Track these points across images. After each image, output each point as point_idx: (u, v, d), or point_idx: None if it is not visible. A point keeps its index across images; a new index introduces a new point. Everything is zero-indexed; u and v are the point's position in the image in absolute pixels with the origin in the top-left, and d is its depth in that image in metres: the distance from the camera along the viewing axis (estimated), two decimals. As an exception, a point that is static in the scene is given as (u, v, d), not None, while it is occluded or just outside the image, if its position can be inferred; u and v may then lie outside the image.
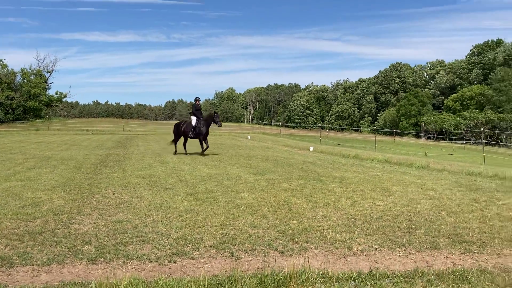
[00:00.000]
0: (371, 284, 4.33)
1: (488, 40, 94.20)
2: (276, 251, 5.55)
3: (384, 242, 5.98)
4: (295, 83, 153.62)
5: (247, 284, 4.18)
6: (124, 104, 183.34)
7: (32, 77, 67.95)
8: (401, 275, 4.58)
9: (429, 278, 4.50)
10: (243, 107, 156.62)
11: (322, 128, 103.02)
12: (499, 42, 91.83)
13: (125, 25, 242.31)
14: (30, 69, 70.55)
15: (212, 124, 18.52)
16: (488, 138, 50.91)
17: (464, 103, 78.82)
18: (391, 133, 73.03)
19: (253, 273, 4.53)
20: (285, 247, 5.70)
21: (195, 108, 18.92)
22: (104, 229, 6.37)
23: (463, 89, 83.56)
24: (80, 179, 10.88)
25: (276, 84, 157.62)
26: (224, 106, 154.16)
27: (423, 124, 58.90)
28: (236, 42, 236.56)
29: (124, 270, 4.73)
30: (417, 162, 16.86)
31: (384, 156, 19.99)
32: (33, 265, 4.87)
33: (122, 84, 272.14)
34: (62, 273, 4.65)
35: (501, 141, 50.53)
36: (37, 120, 60.98)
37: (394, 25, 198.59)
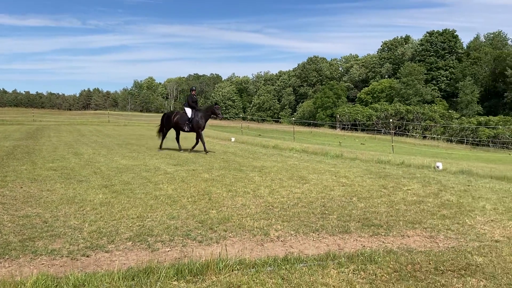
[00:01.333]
0: (286, 268, 4.47)
1: (398, 37, 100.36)
2: (194, 241, 5.53)
3: (300, 227, 6.20)
4: (216, 74, 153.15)
5: (164, 274, 4.13)
6: (35, 93, 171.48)
7: None
8: (314, 259, 4.78)
9: (340, 260, 4.74)
10: (163, 97, 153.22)
11: (244, 119, 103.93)
12: (407, 39, 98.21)
13: (35, 8, 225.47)
14: None
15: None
16: (397, 129, 54.47)
17: (375, 95, 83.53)
18: (309, 124, 75.53)
19: (170, 263, 4.48)
20: (203, 237, 5.70)
21: (191, 100, 16.75)
22: (9, 224, 5.95)
23: (374, 82, 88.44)
24: (-18, 173, 10.04)
25: (197, 74, 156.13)
26: (143, 96, 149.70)
27: (338, 116, 61.66)
28: (156, 31, 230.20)
29: (31, 267, 4.47)
30: (332, 152, 17.62)
31: (301, 146, 20.65)
32: None
33: (32, 72, 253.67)
34: (-40, 274, 4.28)
35: (408, 131, 54.30)
36: None
37: (313, 19, 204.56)
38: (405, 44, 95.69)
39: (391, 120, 35.16)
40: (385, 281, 4.23)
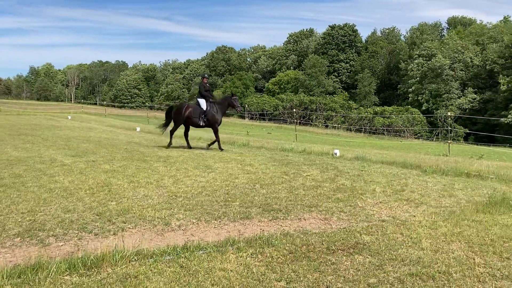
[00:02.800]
0: (185, 256, 4.47)
1: (303, 29, 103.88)
2: (91, 234, 5.32)
3: (202, 216, 6.23)
4: (122, 61, 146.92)
5: (54, 270, 3.92)
6: None
7: None
8: (214, 245, 4.84)
9: (239, 245, 4.85)
10: (63, 85, 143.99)
11: (152, 108, 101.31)
12: (311, 32, 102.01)
13: None
14: None
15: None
16: (301, 119, 56.60)
17: (282, 86, 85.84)
18: (218, 114, 75.77)
19: (62, 258, 4.27)
20: (101, 229, 5.50)
21: (204, 89, 14.53)
22: None
23: (281, 73, 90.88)
24: None
25: (101, 61, 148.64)
26: (41, 83, 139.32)
27: (246, 106, 62.57)
28: (56, 14, 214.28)
29: None
30: (239, 141, 17.86)
31: (210, 135, 20.63)
32: None
33: None
34: None
35: (311, 121, 56.69)
36: None
37: (223, 8, 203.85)
38: (310, 37, 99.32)
39: (294, 110, 36.47)
40: (281, 263, 4.41)
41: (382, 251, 4.79)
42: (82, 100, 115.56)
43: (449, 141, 23.67)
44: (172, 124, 15.12)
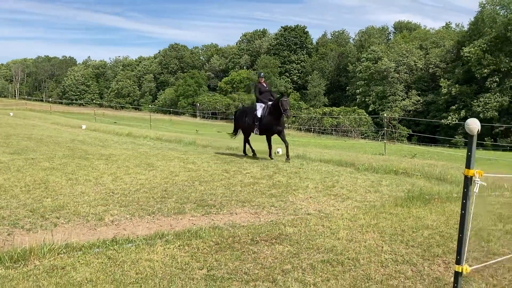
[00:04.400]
0: (114, 248, 4.68)
1: (257, 30, 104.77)
2: (22, 229, 5.40)
3: (136, 211, 6.42)
4: (70, 57, 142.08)
5: (-20, 263, 4.03)
6: None
7: None
8: (143, 238, 5.06)
9: (168, 237, 5.10)
10: (7, 80, 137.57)
11: (101, 105, 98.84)
12: (264, 32, 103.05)
13: None
14: None
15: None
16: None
17: (235, 85, 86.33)
18: (169, 112, 75.03)
19: (-11, 252, 4.36)
20: (33, 225, 5.59)
21: (260, 91, 12.25)
22: None
23: (234, 73, 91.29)
24: None
25: (48, 56, 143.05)
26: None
27: (198, 104, 62.46)
28: (0, 5, 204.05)
29: None
30: (186, 139, 18.00)
31: (156, 134, 20.66)
32: None
33: None
34: None
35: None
36: None
37: (176, 6, 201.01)
38: (263, 37, 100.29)
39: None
40: (206, 253, 4.70)
41: (301, 241, 5.19)
42: (26, 97, 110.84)
43: (385, 141, 24.83)
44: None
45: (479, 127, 2.72)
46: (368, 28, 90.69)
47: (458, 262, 2.92)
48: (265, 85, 12.35)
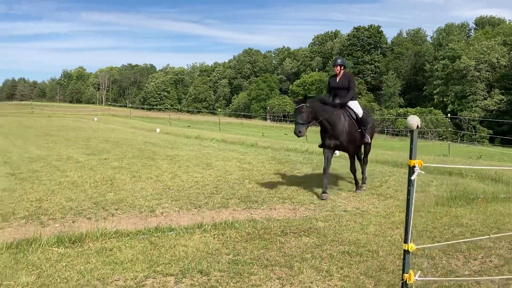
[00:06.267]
0: (157, 235, 5.30)
1: (328, 31, 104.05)
2: (84, 218, 6.22)
3: (185, 205, 7.06)
4: (150, 64, 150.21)
5: (45, 242, 4.81)
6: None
7: None
8: (184, 227, 5.65)
9: (205, 227, 5.65)
10: (94, 88, 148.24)
11: (179, 110, 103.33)
12: (336, 34, 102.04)
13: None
14: None
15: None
16: (324, 120, 57.00)
17: (306, 88, 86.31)
18: (242, 116, 76.87)
19: (53, 234, 5.16)
20: (94, 215, 6.40)
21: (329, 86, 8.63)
22: None
23: (305, 75, 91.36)
24: None
25: (131, 64, 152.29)
26: (73, 86, 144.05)
27: (269, 108, 63.35)
28: (89, 18, 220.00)
29: None
30: (249, 141, 18.65)
31: (223, 136, 21.54)
32: None
33: None
34: None
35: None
36: None
37: (252, 11, 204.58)
38: (335, 38, 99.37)
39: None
40: (236, 241, 5.18)
41: (328, 234, 5.49)
42: (110, 103, 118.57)
43: (448, 142, 23.85)
44: None
45: (419, 123, 3.05)
46: (447, 25, 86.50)
47: (406, 241, 3.26)
48: (337, 79, 8.38)
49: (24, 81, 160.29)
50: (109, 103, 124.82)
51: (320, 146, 8.57)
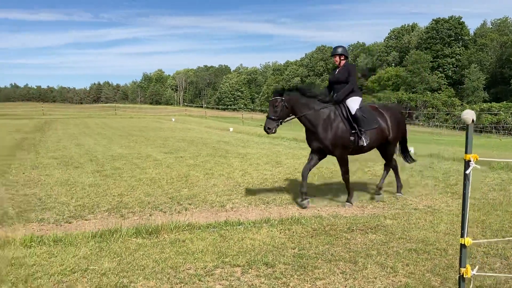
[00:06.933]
0: (226, 229, 5.55)
1: (405, 25, 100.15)
2: (160, 211, 6.64)
3: (254, 201, 7.27)
4: (224, 65, 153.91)
5: (125, 233, 5.23)
6: (46, 87, 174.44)
7: None
8: (252, 222, 5.85)
9: (272, 222, 5.81)
10: (172, 89, 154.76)
11: (252, 110, 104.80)
12: (414, 27, 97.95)
13: (47, 3, 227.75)
14: None
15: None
16: (400, 117, 55.06)
17: (382, 84, 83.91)
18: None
19: (132, 226, 5.59)
20: (169, 209, 6.80)
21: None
22: (9, 201, 7.12)
23: (381, 71, 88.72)
24: (-10, 161, 11.26)
25: (206, 66, 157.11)
26: (153, 89, 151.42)
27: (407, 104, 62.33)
28: (167, 22, 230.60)
29: (24, 230, 5.59)
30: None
31: (294, 134, 21.63)
32: None
33: (44, 66, 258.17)
34: (-33, 235, 5.43)
35: (412, 119, 54.85)
36: None
37: (325, 8, 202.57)
38: (412, 31, 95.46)
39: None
40: (302, 236, 5.28)
41: (396, 231, 5.42)
42: (186, 104, 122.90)
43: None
44: None
45: (474, 117, 2.93)
46: (537, 11, 79.81)
47: (462, 235, 3.14)
48: (336, 72, 7.42)
49: (108, 84, 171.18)
50: (186, 104, 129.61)
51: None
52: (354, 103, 7.04)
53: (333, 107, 7.00)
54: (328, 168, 10.04)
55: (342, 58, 7.32)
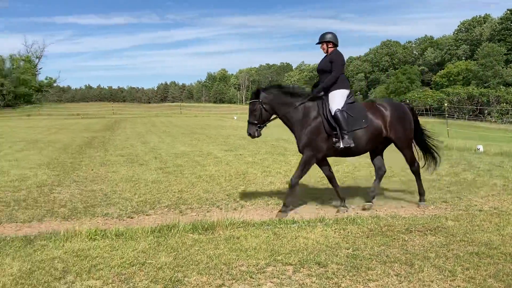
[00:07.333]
0: (280, 227, 5.57)
1: (476, 16, 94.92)
2: (217, 208, 6.79)
3: (309, 199, 7.24)
4: (286, 63, 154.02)
5: (182, 228, 5.40)
6: (117, 87, 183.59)
7: (21, 63, 68.21)
8: (306, 221, 5.83)
9: (327, 222, 5.75)
10: (235, 88, 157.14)
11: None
12: (486, 18, 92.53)
13: (118, 7, 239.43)
14: (19, 55, 70.72)
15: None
16: (471, 113, 52.22)
17: (451, 78, 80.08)
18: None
19: (189, 222, 5.76)
20: (226, 206, 6.94)
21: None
22: (78, 196, 7.59)
23: (450, 65, 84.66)
24: (64, 159, 12.05)
25: (268, 64, 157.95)
26: (217, 88, 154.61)
27: (408, 101, 60.05)
28: (230, 22, 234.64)
29: (89, 224, 5.94)
30: (383, 137, 18.07)
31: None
32: (16, 222, 6.08)
33: (115, 68, 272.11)
34: (40, 228, 5.86)
35: (483, 116, 51.82)
36: (28, 106, 61.71)
37: (389, 2, 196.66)
38: (484, 23, 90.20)
39: (445, 104, 34.06)
40: (357, 237, 5.19)
41: (457, 234, 5.18)
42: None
43: None
44: None
45: None
46: None
47: None
48: (322, 61, 6.73)
49: (174, 84, 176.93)
50: (248, 102, 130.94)
51: None
52: (335, 99, 6.31)
53: (315, 103, 6.37)
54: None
55: (330, 46, 6.57)
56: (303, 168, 6.45)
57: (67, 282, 3.95)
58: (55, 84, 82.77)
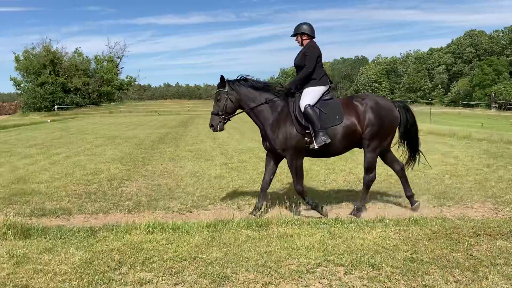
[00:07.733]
0: (337, 226, 5.40)
1: None
2: (274, 204, 6.74)
3: (371, 199, 6.97)
4: (362, 56, 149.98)
5: (236, 224, 5.42)
6: (193, 85, 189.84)
7: (104, 63, 72.49)
8: (365, 221, 5.59)
9: (387, 222, 5.48)
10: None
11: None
12: None
13: (197, 7, 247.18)
14: (103, 55, 75.21)
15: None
16: None
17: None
18: (462, 105, 70.10)
19: (244, 218, 5.76)
20: (283, 202, 6.85)
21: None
22: (144, 190, 7.90)
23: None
24: (136, 154, 12.63)
25: (343, 58, 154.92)
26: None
27: (493, 95, 55.98)
28: (306, 17, 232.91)
29: (151, 217, 6.14)
30: (461, 133, 17.01)
31: (430, 127, 20.17)
32: (85, 214, 6.45)
33: (192, 66, 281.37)
34: (105, 219, 6.17)
35: None
36: (111, 104, 65.64)
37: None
38: None
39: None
40: (418, 239, 4.88)
41: (533, 240, 4.70)
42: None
43: None
44: None
45: None
46: None
47: None
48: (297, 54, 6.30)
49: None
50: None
51: None
52: (307, 96, 5.91)
53: (286, 100, 6.01)
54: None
55: (304, 38, 6.09)
56: (295, 173, 6.18)
57: (121, 273, 4.09)
58: (137, 83, 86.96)
